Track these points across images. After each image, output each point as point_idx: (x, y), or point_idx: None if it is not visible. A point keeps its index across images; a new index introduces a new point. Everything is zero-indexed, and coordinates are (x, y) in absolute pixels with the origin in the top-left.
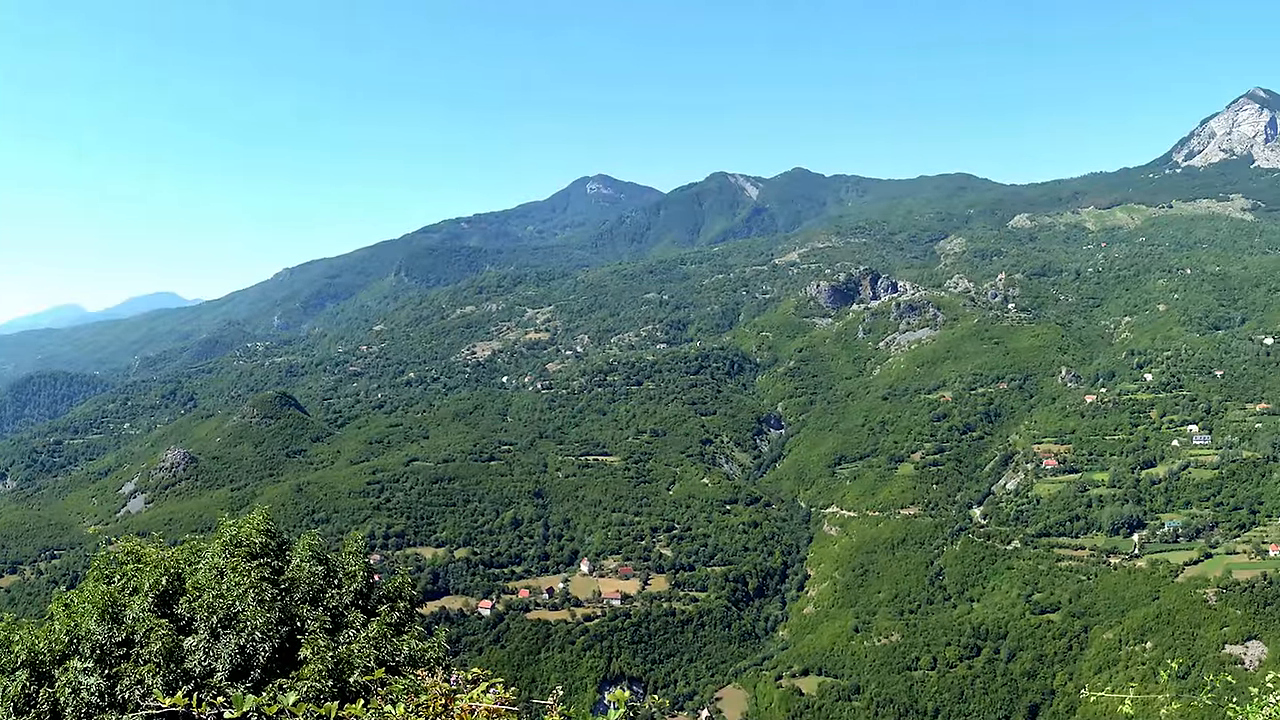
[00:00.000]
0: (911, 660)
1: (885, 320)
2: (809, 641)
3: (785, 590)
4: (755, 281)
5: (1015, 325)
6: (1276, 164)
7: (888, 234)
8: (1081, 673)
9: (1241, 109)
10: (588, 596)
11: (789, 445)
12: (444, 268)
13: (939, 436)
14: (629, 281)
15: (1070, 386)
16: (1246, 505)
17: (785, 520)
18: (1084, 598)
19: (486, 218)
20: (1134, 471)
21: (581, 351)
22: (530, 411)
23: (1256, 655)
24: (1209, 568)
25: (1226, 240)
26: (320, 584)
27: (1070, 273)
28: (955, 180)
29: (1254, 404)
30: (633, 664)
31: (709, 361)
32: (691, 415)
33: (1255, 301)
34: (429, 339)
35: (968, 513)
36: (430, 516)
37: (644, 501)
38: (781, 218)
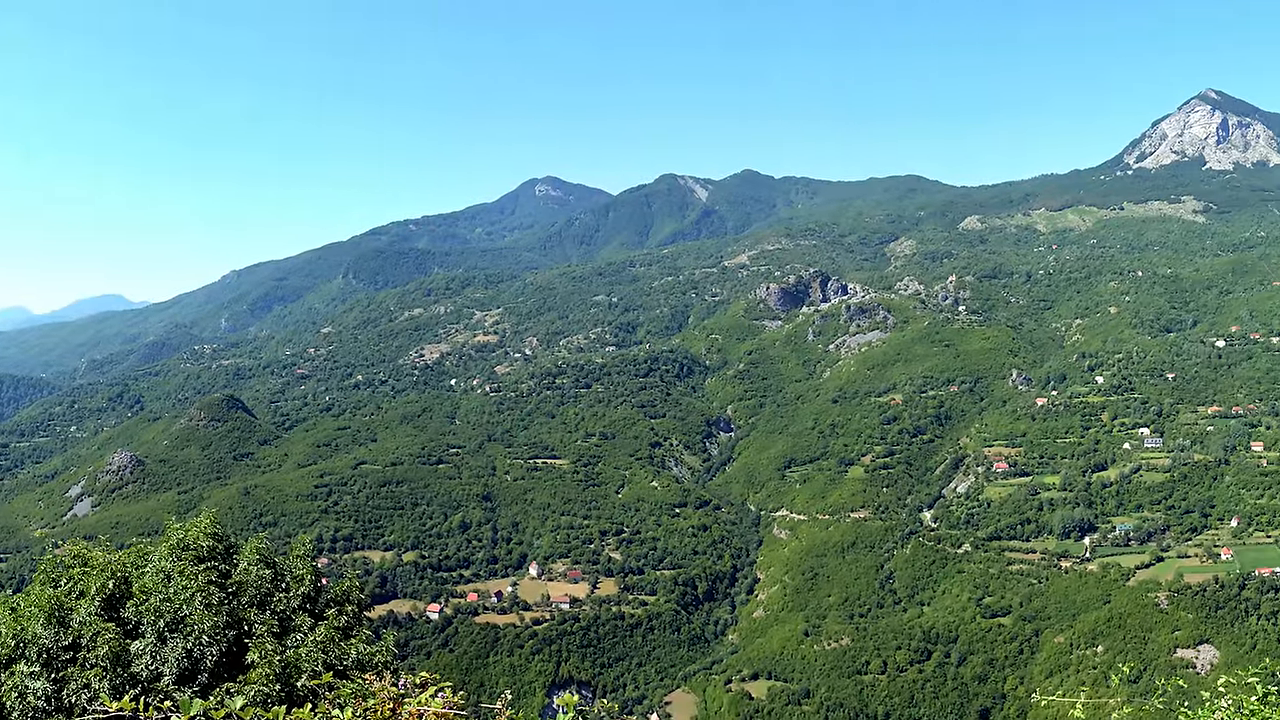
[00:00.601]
0: (862, 664)
1: (835, 323)
2: (759, 645)
3: (735, 594)
4: (705, 284)
5: (966, 328)
6: (1228, 166)
7: (838, 236)
8: (1032, 676)
9: (1193, 110)
10: (536, 600)
11: (738, 448)
12: (392, 270)
13: (889, 439)
14: (578, 284)
15: (1021, 389)
16: (1198, 508)
17: (735, 523)
18: (1035, 601)
19: (434, 220)
20: (1085, 474)
21: (530, 354)
22: (479, 414)
23: (1208, 659)
24: (1160, 571)
25: (1178, 242)
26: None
27: (1021, 275)
28: (906, 182)
29: (1205, 407)
30: (582, 668)
31: (658, 364)
32: (640, 418)
33: (1207, 304)
34: (377, 341)
35: (918, 516)
36: (378, 520)
37: (593, 505)
38: (731, 220)
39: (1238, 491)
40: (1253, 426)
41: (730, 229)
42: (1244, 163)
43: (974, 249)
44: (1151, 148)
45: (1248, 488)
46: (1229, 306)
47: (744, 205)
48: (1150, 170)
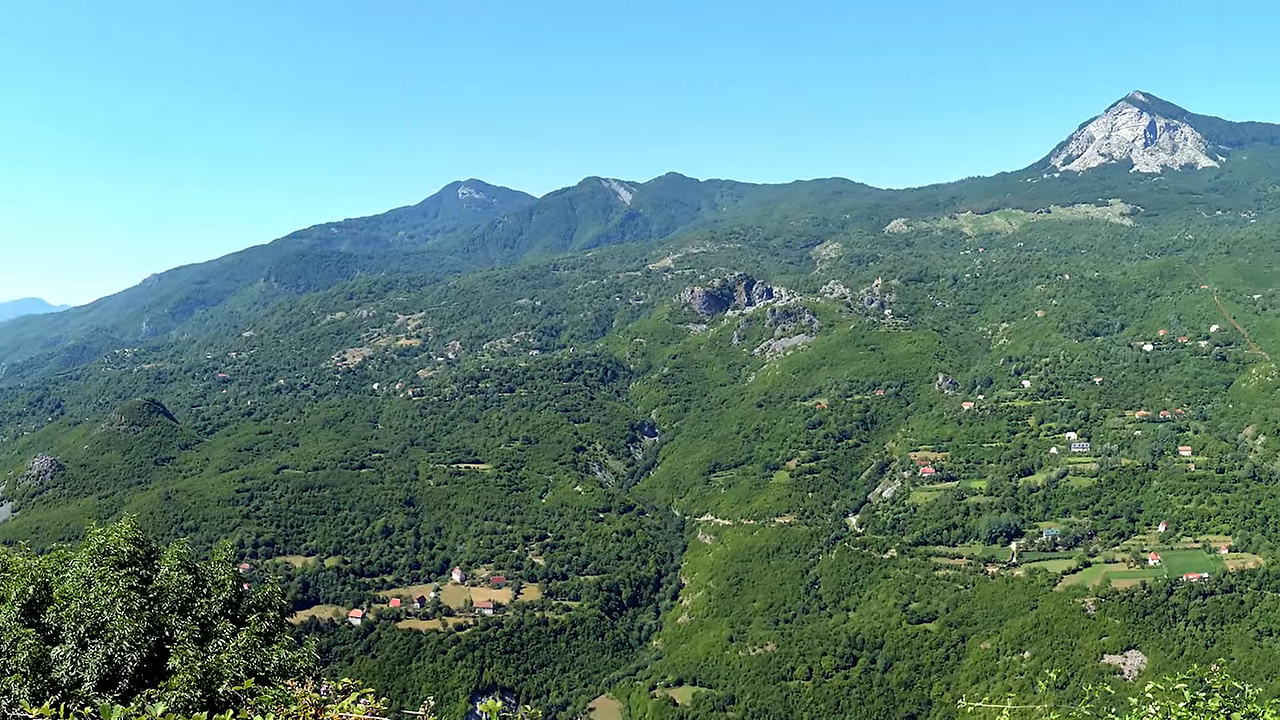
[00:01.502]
0: (787, 670)
1: (760, 326)
2: (683, 651)
3: (659, 599)
4: (629, 287)
5: (892, 331)
6: (1156, 168)
7: (763, 239)
8: (959, 683)
9: (1121, 113)
10: (459, 606)
11: (663, 453)
12: (314, 273)
13: (815, 444)
14: (501, 287)
15: (947, 393)
16: (1125, 513)
17: (659, 529)
18: (961, 607)
19: (357, 223)
20: (1012, 479)
21: (453, 358)
22: (401, 419)
23: (1136, 665)
24: (1088, 576)
25: (1105, 245)
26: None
27: (948, 278)
28: (831, 185)
29: (1133, 411)
30: (505, 674)
31: (582, 368)
32: (564, 423)
33: (1134, 307)
34: (299, 345)
35: (844, 521)
36: (300, 525)
37: (516, 510)
38: (655, 223)
39: (1165, 496)
40: (1181, 431)
41: (655, 232)
42: (1172, 165)
43: (900, 252)
44: (1079, 150)
45: (1175, 492)
46: (1157, 310)
47: (668, 208)
48: (1078, 173)
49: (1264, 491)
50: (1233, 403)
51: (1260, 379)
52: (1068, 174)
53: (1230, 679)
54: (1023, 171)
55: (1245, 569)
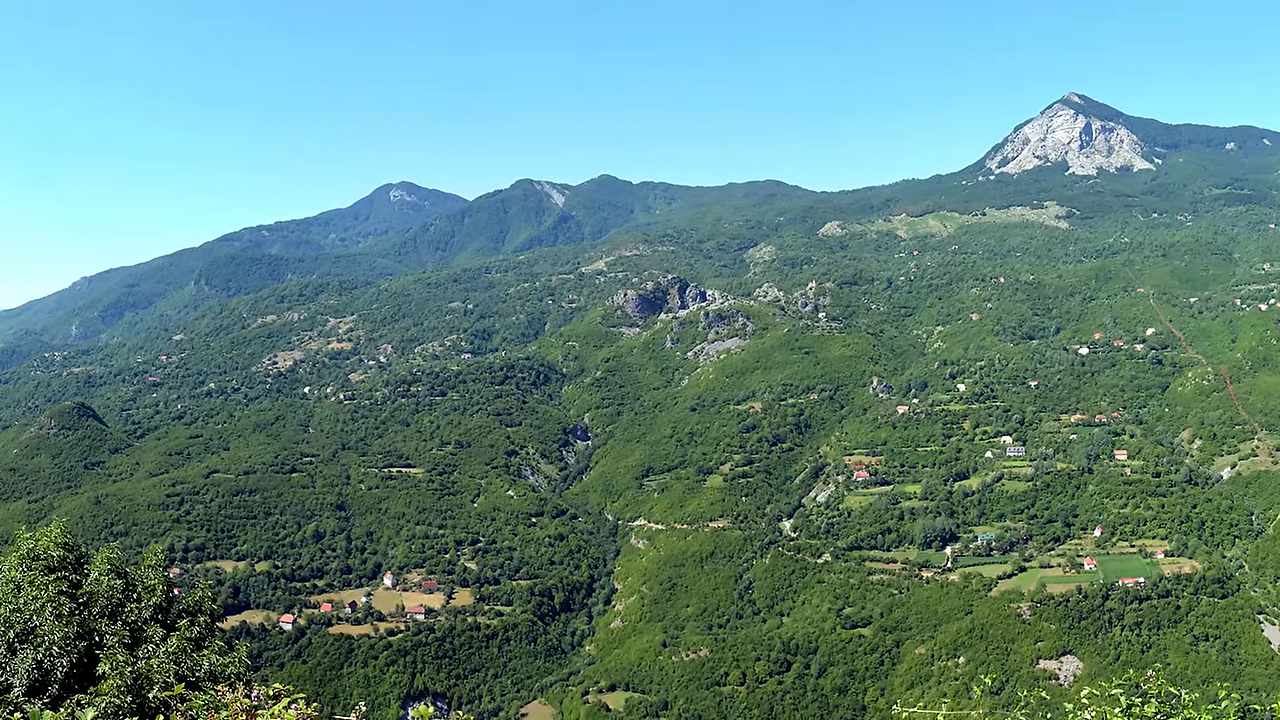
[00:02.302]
0: (721, 676)
1: (694, 330)
2: (616, 656)
3: (592, 604)
4: (562, 290)
5: (826, 335)
6: (1091, 171)
7: (696, 242)
8: (893, 688)
9: (1056, 115)
10: (391, 610)
11: (596, 457)
12: (245, 276)
13: (748, 448)
14: (433, 290)
15: (882, 397)
16: (1061, 518)
17: (592, 533)
18: (896, 612)
19: (288, 225)
20: (946, 483)
21: (385, 361)
22: (333, 422)
23: (1071, 670)
24: (1023, 581)
25: (1041, 248)
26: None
27: (882, 281)
28: (765, 187)
29: (1068, 415)
30: (437, 679)
31: (514, 372)
32: (497, 426)
33: (1070, 311)
34: (230, 349)
35: (778, 525)
36: (231, 529)
37: (448, 514)
38: (588, 225)
39: (1101, 501)
40: (1116, 435)
41: (588, 235)
42: (1108, 167)
43: (834, 255)
44: (1014, 152)
45: (1111, 497)
46: (1092, 313)
47: (601, 211)
48: (1013, 175)
49: (1200, 496)
50: (1169, 406)
51: (1196, 383)
52: (1003, 176)
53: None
54: (958, 174)
55: (1181, 574)
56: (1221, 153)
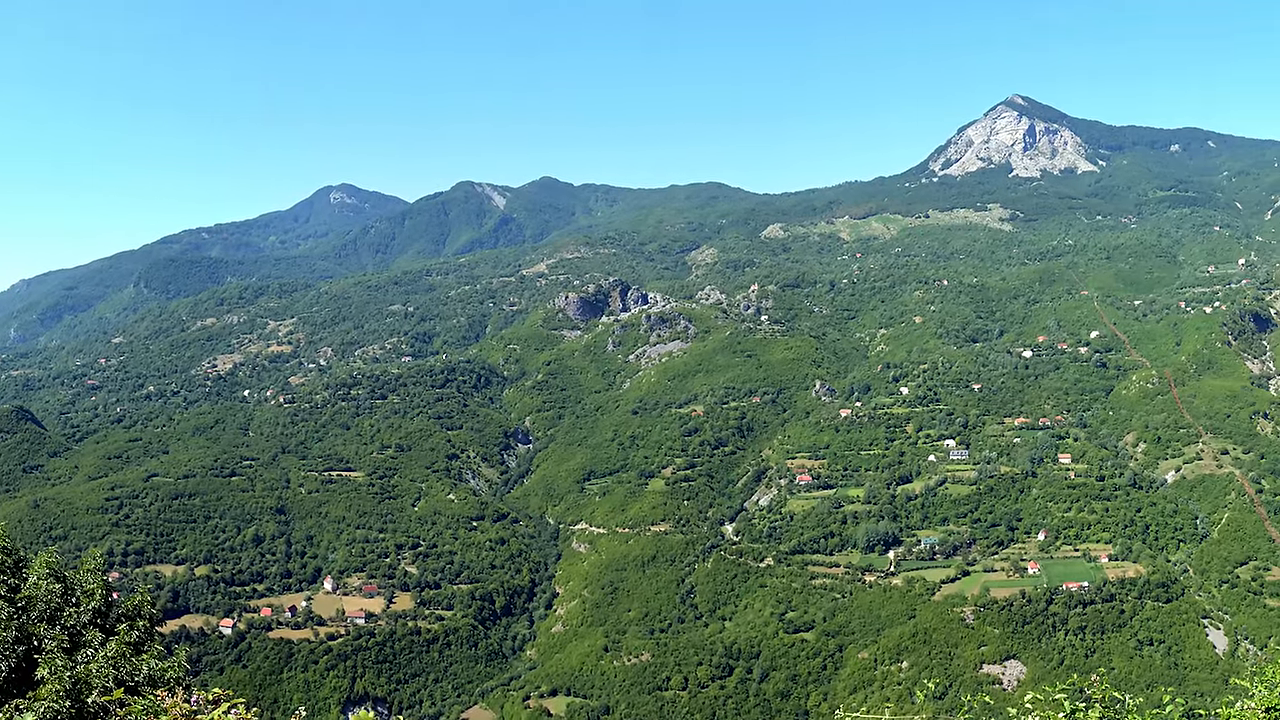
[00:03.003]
0: (662, 680)
1: (635, 333)
2: (557, 661)
3: (533, 609)
4: (503, 293)
5: (768, 338)
6: (1035, 173)
7: (638, 244)
8: (836, 693)
9: (1000, 116)
10: (331, 615)
11: (537, 460)
12: (184, 279)
13: (690, 451)
14: (373, 293)
15: (824, 400)
16: (1004, 521)
17: (533, 537)
18: (839, 616)
19: (228, 228)
20: (890, 487)
21: (325, 364)
22: (272, 426)
23: (1015, 675)
24: (966, 585)
25: (984, 251)
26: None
27: (825, 284)
28: (707, 189)
29: (1012, 418)
30: (377, 684)
31: (455, 375)
32: (437, 430)
33: (1013, 313)
34: (169, 352)
35: (720, 529)
36: (170, 533)
37: (388, 518)
38: (530, 228)
39: (1045, 504)
40: (1060, 439)
41: (529, 237)
42: (1051, 170)
43: (777, 258)
44: (957, 155)
45: (1055, 500)
46: (1036, 316)
47: (543, 213)
48: (956, 177)
49: (1144, 499)
50: (1113, 410)
51: (1140, 386)
52: (946, 179)
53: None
54: (901, 176)
55: (1125, 578)
56: (1166, 155)
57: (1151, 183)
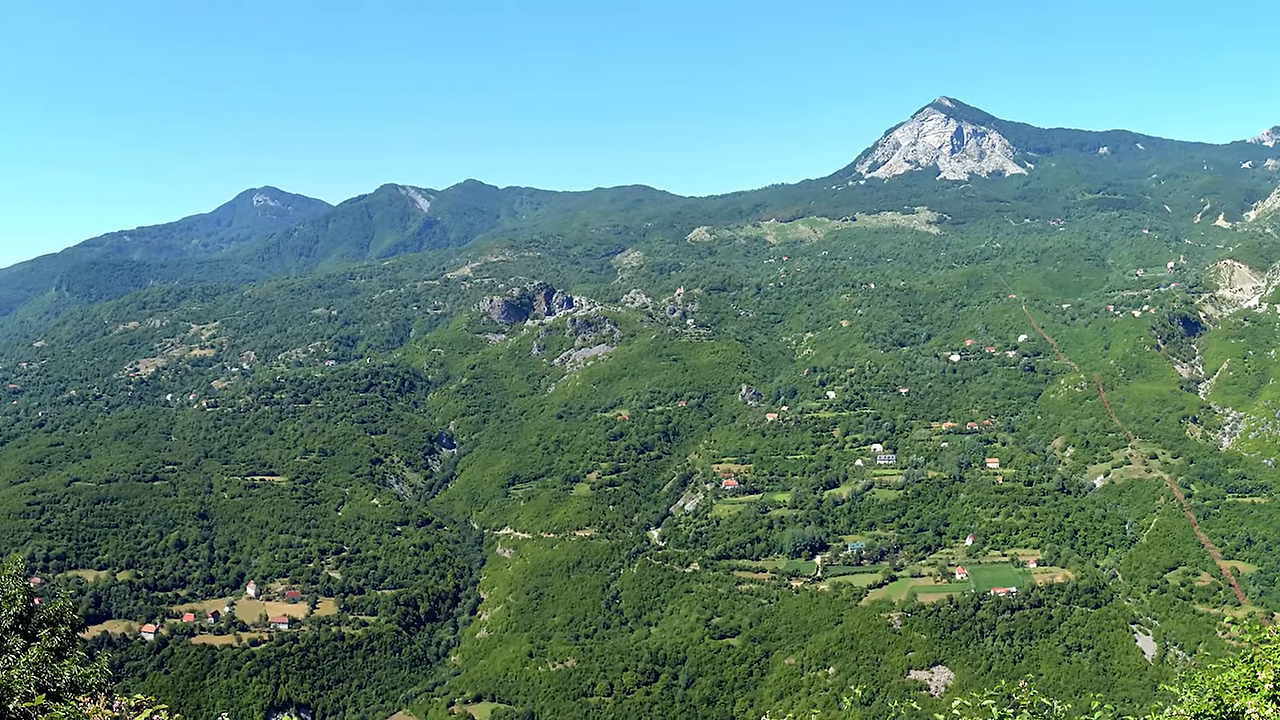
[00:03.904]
0: (588, 686)
1: (561, 336)
2: (482, 667)
3: (458, 614)
4: (427, 296)
5: (694, 342)
6: (963, 175)
7: (563, 247)
8: (763, 699)
9: (927, 119)
10: (254, 620)
11: (461, 465)
12: (107, 282)
13: (615, 456)
14: (297, 296)
15: (751, 404)
16: (932, 526)
17: (458, 542)
18: (765, 622)
19: (150, 231)
20: (816, 492)
21: (248, 368)
22: (195, 430)
23: (943, 681)
24: (894, 591)
25: (912, 254)
26: None
27: (751, 287)
28: (633, 192)
29: (940, 422)
30: (301, 690)
31: (379, 379)
32: (361, 434)
33: (941, 317)
34: (91, 356)
35: (645, 534)
36: (92, 538)
37: (312, 523)
38: (454, 231)
39: (973, 509)
40: (988, 443)
41: (453, 240)
42: (979, 172)
43: (702, 261)
44: (885, 157)
45: (982, 505)
46: (964, 320)
47: (467, 216)
48: (884, 180)
49: (1072, 504)
50: (1041, 414)
51: (1069, 390)
52: (873, 181)
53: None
54: (828, 179)
55: (1054, 583)
56: (1094, 157)
57: (1080, 185)
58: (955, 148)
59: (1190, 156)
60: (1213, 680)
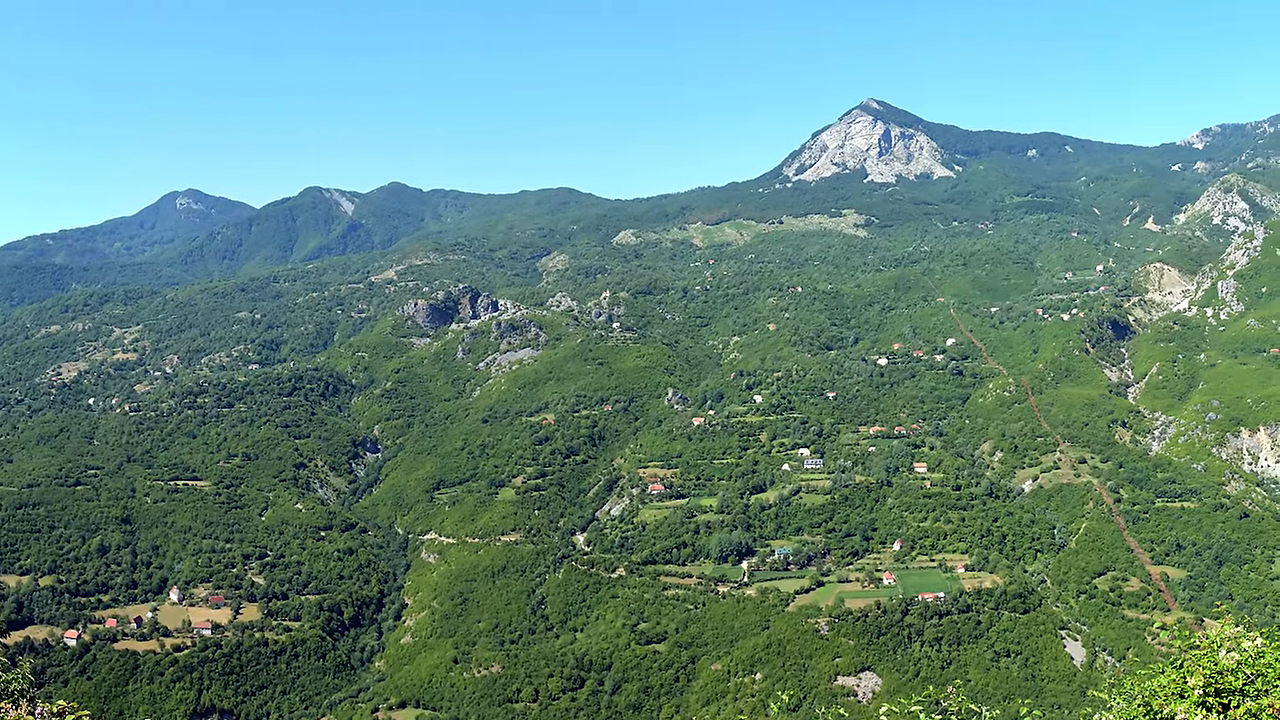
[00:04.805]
0: (513, 692)
1: (486, 340)
2: (406, 673)
3: (382, 620)
4: (351, 300)
5: (620, 345)
6: (890, 178)
7: (488, 251)
8: (689, 705)
9: (855, 121)
10: (178, 626)
11: (386, 469)
12: (28, 286)
13: (541, 460)
14: (220, 300)
15: (677, 409)
16: (859, 531)
17: (382, 547)
18: (692, 627)
19: (73, 234)
20: (743, 496)
21: (171, 372)
22: (118, 434)
23: (870, 687)
24: (821, 596)
25: (839, 257)
26: None
27: (678, 291)
28: (558, 195)
29: (867, 426)
30: (224, 696)
31: (303, 383)
32: (285, 438)
33: (869, 321)
34: (12, 359)
35: (571, 539)
36: (14, 543)
37: (235, 528)
38: (379, 234)
39: (900, 514)
40: (916, 447)
41: (378, 243)
42: (907, 175)
43: (629, 264)
44: (812, 160)
45: (910, 510)
46: (892, 323)
47: (391, 219)
48: (811, 183)
49: (1001, 509)
50: (969, 418)
51: (997, 394)
52: (800, 184)
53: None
54: (755, 181)
55: (982, 588)
56: (1023, 159)
57: (1009, 188)
58: (883, 150)
59: (1119, 159)
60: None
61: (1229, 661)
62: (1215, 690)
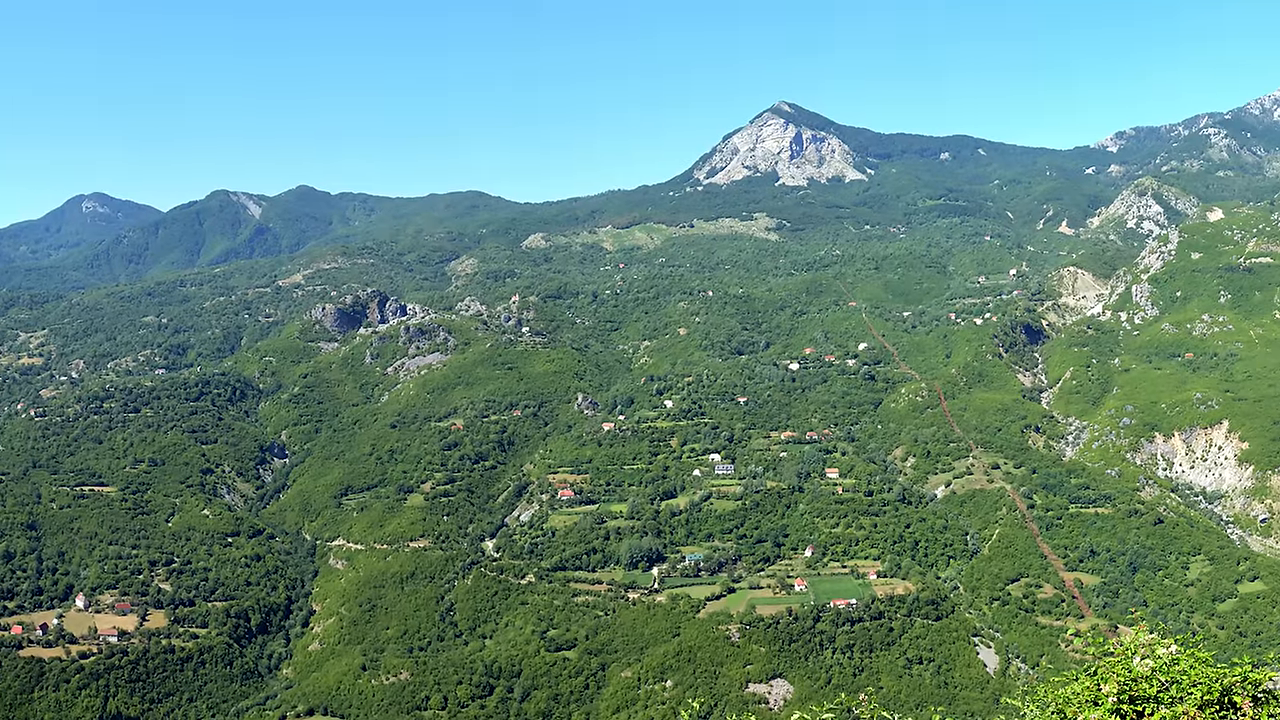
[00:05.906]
0: (422, 700)
1: (394, 344)
2: (314, 680)
3: (290, 627)
4: (258, 304)
5: (530, 350)
6: (802, 181)
7: (397, 254)
8: (599, 712)
9: (766, 124)
10: (84, 633)
11: (294, 475)
12: None
13: (450, 466)
14: (126, 304)
15: (587, 414)
16: (771, 537)
17: (290, 553)
18: (602, 634)
19: None
20: (654, 502)
21: (77, 377)
22: (23, 440)
23: (782, 694)
24: (732, 603)
25: (750, 261)
26: None
27: (588, 295)
28: (467, 198)
29: (778, 432)
30: (130, 703)
31: (210, 387)
32: (192, 444)
33: (780, 325)
34: None
35: (480, 545)
36: None
37: (142, 534)
38: (286, 237)
39: (812, 520)
40: (828, 453)
41: (285, 247)
42: (819, 178)
43: (539, 268)
44: (723, 163)
45: (822, 516)
46: (803, 328)
47: (300, 222)
48: (722, 186)
49: (913, 515)
50: (881, 423)
51: (910, 399)
52: (711, 187)
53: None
54: (665, 185)
55: (895, 595)
56: (936, 163)
57: (921, 191)
58: (795, 153)
59: (1033, 162)
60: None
61: (1143, 669)
62: (1130, 697)
